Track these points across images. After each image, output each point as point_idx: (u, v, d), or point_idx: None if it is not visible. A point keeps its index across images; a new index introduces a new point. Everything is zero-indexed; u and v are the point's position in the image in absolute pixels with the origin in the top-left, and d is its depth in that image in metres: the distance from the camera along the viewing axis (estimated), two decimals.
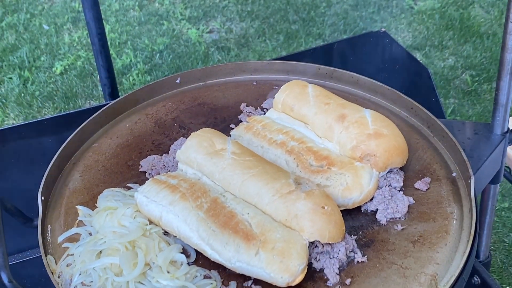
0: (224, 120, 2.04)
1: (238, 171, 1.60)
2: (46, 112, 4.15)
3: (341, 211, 1.57)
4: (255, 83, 2.21)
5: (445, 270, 1.48)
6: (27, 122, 2.72)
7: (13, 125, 2.61)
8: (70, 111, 2.67)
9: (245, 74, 2.24)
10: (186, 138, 1.79)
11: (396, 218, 1.63)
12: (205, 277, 1.49)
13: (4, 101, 4.24)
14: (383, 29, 2.90)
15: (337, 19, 4.65)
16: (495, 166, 2.06)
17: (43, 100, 4.22)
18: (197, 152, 1.66)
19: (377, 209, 1.65)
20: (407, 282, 1.46)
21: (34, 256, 2.35)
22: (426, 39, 4.47)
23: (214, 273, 1.51)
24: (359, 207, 1.66)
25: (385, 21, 4.65)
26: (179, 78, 2.19)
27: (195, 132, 1.73)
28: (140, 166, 1.84)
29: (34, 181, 1.83)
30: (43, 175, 1.76)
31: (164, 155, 1.86)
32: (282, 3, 4.89)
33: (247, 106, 2.08)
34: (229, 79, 2.24)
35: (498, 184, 2.20)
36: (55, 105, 4.19)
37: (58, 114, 3.01)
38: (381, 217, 1.63)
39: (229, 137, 1.82)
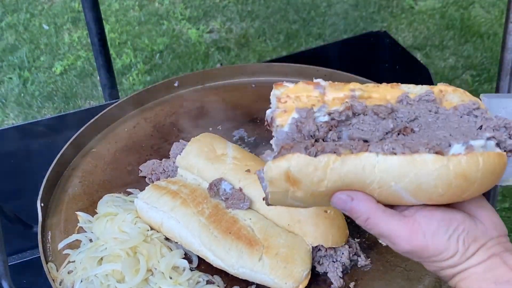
0: (223, 124, 2.03)
1: (239, 176, 1.59)
2: (46, 112, 4.13)
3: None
4: (253, 85, 2.20)
5: None
6: (27, 122, 2.71)
7: (13, 125, 2.60)
8: (70, 111, 2.66)
9: (243, 76, 2.23)
10: (186, 142, 1.79)
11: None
12: (208, 282, 1.49)
13: (4, 101, 4.23)
14: (383, 29, 2.89)
15: (337, 19, 4.63)
16: None
17: (43, 100, 4.21)
18: (198, 157, 1.65)
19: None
20: (412, 284, 1.46)
21: (34, 257, 2.34)
22: (427, 39, 4.46)
23: (217, 278, 1.50)
24: None
25: (386, 21, 4.63)
26: (177, 82, 2.18)
27: (195, 137, 1.72)
28: (139, 171, 1.84)
29: (34, 182, 1.82)
30: (42, 180, 1.75)
31: (163, 159, 1.85)
32: (282, 3, 4.87)
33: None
34: (227, 82, 2.23)
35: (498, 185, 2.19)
36: (55, 105, 4.18)
37: (58, 114, 3.01)
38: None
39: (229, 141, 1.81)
